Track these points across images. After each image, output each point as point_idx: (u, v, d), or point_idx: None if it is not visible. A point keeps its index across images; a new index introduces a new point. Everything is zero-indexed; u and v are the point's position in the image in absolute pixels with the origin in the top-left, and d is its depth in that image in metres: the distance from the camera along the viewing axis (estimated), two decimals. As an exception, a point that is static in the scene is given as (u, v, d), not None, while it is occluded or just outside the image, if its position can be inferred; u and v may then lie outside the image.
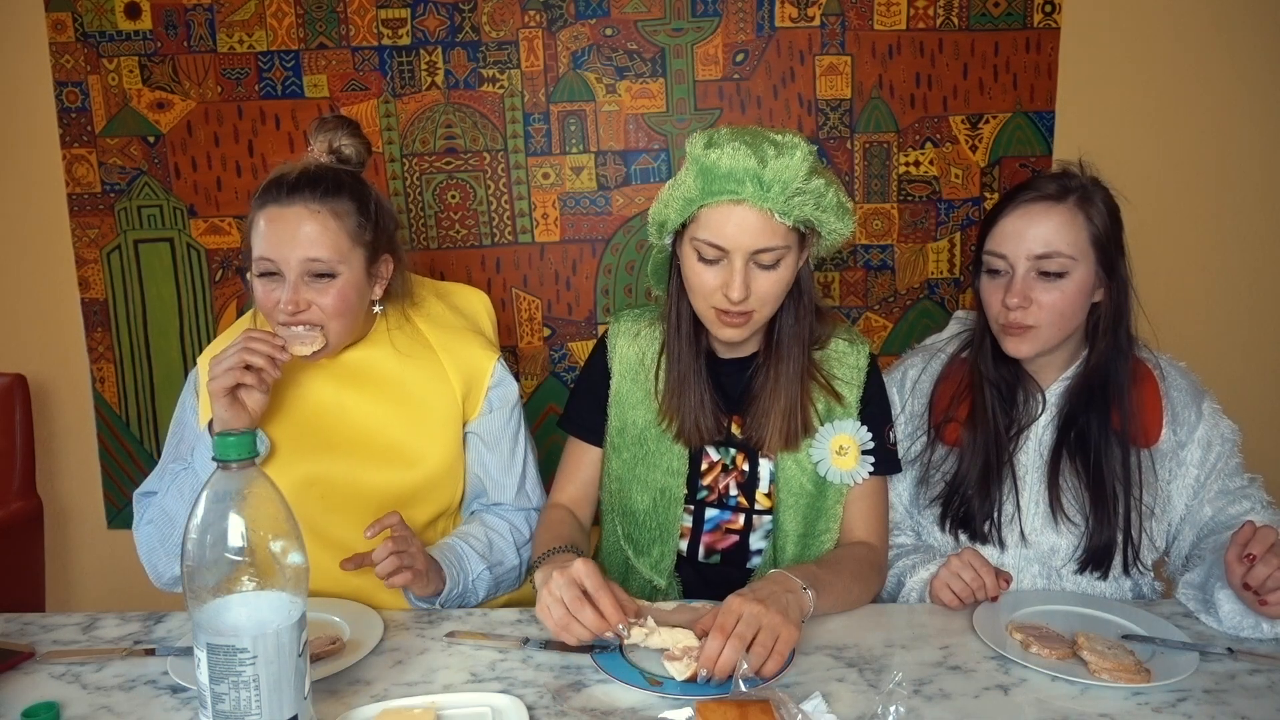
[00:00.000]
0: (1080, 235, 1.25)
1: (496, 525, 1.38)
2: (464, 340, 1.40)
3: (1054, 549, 1.30)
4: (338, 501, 1.31)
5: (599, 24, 1.97)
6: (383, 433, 1.33)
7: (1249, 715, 0.97)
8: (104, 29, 1.98)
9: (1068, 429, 1.31)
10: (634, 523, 1.37)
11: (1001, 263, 1.28)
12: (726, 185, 1.16)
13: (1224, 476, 1.31)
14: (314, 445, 1.31)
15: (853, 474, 1.31)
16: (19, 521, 1.97)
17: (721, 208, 1.18)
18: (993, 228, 1.29)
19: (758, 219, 1.17)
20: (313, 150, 1.32)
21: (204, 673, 0.82)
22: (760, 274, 1.20)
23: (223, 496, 0.82)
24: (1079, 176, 1.29)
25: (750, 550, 1.35)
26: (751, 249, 1.18)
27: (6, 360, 2.11)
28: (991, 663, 1.08)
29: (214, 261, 2.07)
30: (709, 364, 1.34)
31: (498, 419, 1.40)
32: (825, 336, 1.35)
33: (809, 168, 1.16)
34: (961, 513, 1.32)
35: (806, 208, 1.17)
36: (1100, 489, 1.28)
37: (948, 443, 1.36)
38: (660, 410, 1.33)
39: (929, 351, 1.46)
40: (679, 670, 1.01)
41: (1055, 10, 1.96)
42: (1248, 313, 2.09)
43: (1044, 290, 1.25)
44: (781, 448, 1.30)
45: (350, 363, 1.34)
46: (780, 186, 1.15)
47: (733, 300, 1.20)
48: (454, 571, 1.27)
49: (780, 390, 1.29)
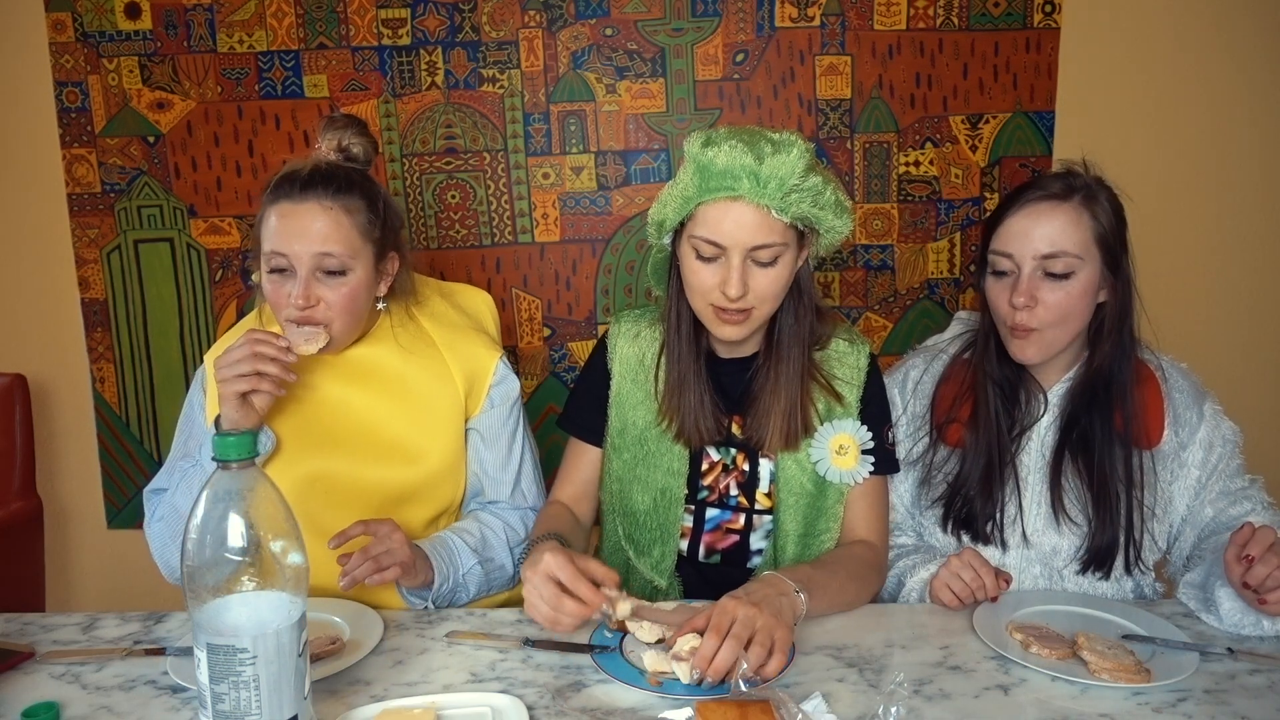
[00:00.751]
0: (1086, 234, 1.25)
1: (490, 523, 1.39)
2: (467, 338, 1.41)
3: (1055, 549, 1.30)
4: (340, 498, 1.31)
5: (599, 24, 1.97)
6: (386, 429, 1.33)
7: (1249, 715, 0.97)
8: (104, 29, 1.98)
9: (1070, 429, 1.31)
10: (635, 523, 1.37)
11: (1007, 262, 1.27)
12: (723, 182, 1.16)
13: (1225, 478, 1.31)
14: (318, 441, 1.32)
15: (853, 474, 1.31)
16: (19, 521, 1.97)
17: (718, 205, 1.18)
18: (998, 227, 1.29)
19: (755, 215, 1.17)
20: (320, 148, 1.33)
21: (204, 673, 0.82)
22: (758, 271, 1.20)
23: (223, 496, 0.82)
24: (1083, 175, 1.29)
25: (750, 550, 1.35)
26: (748, 245, 1.18)
27: (6, 360, 2.11)
28: (991, 663, 1.08)
29: (214, 261, 2.07)
30: (709, 364, 1.34)
31: (497, 415, 1.40)
32: (826, 337, 1.35)
33: (806, 164, 1.16)
34: (963, 514, 1.32)
35: (804, 204, 1.18)
36: (1103, 490, 1.28)
37: (950, 444, 1.36)
38: (660, 410, 1.33)
39: (930, 352, 1.45)
40: (685, 672, 1.01)
41: (1055, 10, 1.96)
42: (1248, 313, 2.09)
43: (1049, 290, 1.25)
44: (782, 448, 1.30)
45: (354, 359, 1.34)
46: (777, 183, 1.15)
47: (730, 297, 1.20)
48: (444, 565, 1.27)
49: (780, 390, 1.29)
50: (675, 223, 1.25)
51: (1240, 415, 1.36)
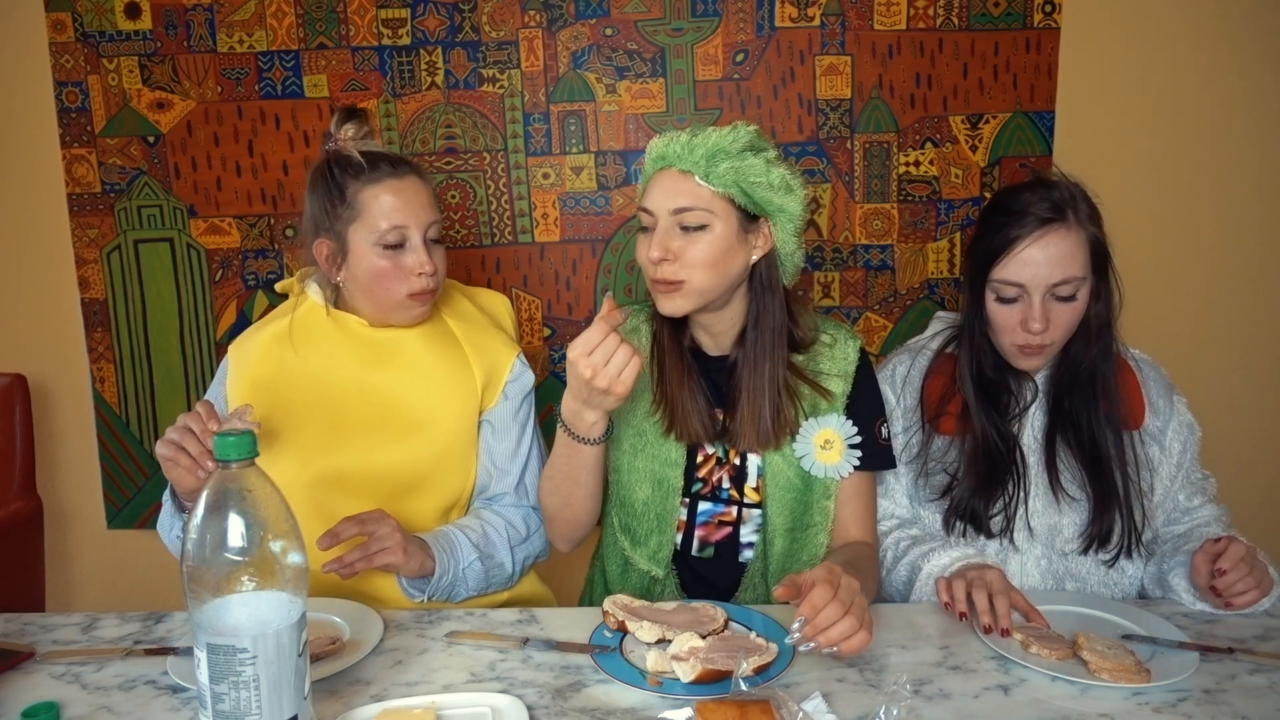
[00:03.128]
0: (1085, 253, 1.27)
1: (493, 520, 1.39)
2: (488, 335, 1.44)
3: (1055, 528, 1.32)
4: (352, 486, 1.34)
5: (599, 24, 1.97)
6: (400, 404, 1.35)
7: (1249, 715, 0.97)
8: (104, 29, 1.98)
9: (1058, 410, 1.34)
10: (632, 513, 1.37)
11: (1015, 290, 1.28)
12: (659, 153, 1.25)
13: (1191, 466, 1.38)
14: (329, 428, 1.34)
15: (837, 468, 1.30)
16: (19, 521, 1.97)
17: (655, 178, 1.26)
18: (1004, 258, 1.28)
19: (681, 181, 1.23)
20: (346, 138, 1.34)
21: (204, 673, 0.82)
22: (683, 236, 1.23)
23: (223, 496, 0.82)
24: (1060, 185, 1.30)
25: (741, 543, 1.35)
26: (670, 208, 1.23)
27: (6, 360, 2.11)
28: (991, 663, 1.08)
29: (214, 261, 2.07)
30: (698, 361, 1.34)
31: (509, 406, 1.42)
32: (809, 341, 1.34)
33: (746, 143, 1.22)
34: (965, 506, 1.33)
35: (732, 176, 1.21)
36: (1097, 464, 1.31)
37: (945, 434, 1.37)
38: (653, 405, 1.34)
39: (914, 349, 1.47)
40: (685, 671, 1.01)
41: (1055, 10, 1.96)
42: (1247, 312, 2.09)
43: (1058, 311, 1.28)
44: (758, 448, 1.30)
45: (379, 341, 1.37)
46: (705, 151, 1.21)
47: (652, 260, 1.23)
48: (444, 557, 1.28)
49: (755, 391, 1.28)
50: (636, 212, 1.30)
51: (1239, 414, 1.37)
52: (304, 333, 1.37)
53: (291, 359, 1.35)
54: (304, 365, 1.35)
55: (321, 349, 1.36)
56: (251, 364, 1.37)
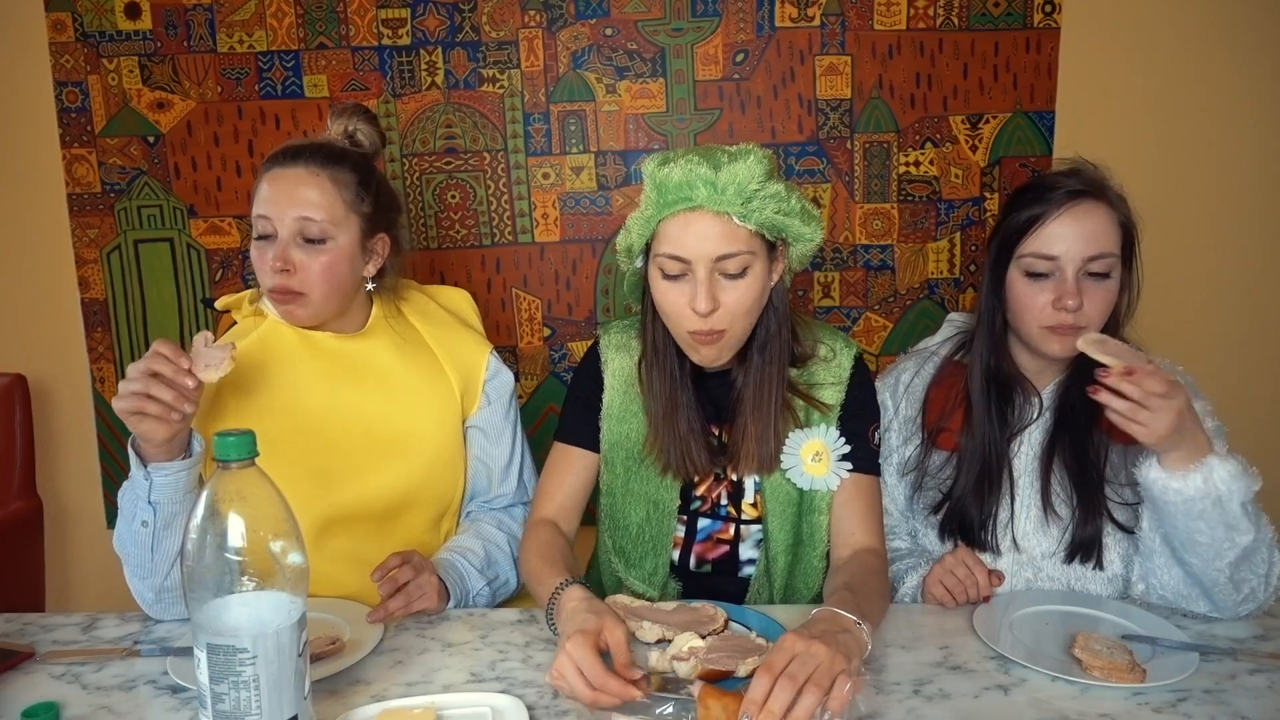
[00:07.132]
0: (1117, 232, 1.23)
1: (494, 536, 1.38)
2: (457, 334, 1.41)
3: (1041, 541, 1.30)
4: (347, 523, 1.31)
5: (599, 24, 1.97)
6: (380, 424, 1.32)
7: (1249, 715, 0.97)
8: (104, 29, 1.98)
9: (1060, 425, 1.30)
10: (626, 536, 1.34)
11: (1048, 264, 1.23)
12: (681, 194, 1.13)
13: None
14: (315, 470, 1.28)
15: (825, 480, 1.27)
16: (19, 521, 1.97)
17: (679, 218, 1.15)
18: (1036, 229, 1.24)
19: (716, 224, 1.13)
20: (329, 132, 1.34)
21: (204, 673, 0.82)
22: (726, 285, 1.15)
23: (223, 496, 0.82)
24: (1089, 170, 1.27)
25: (741, 560, 1.33)
26: (713, 256, 1.14)
27: (6, 360, 2.11)
28: (991, 663, 1.08)
29: (214, 261, 2.07)
30: (695, 378, 1.30)
31: (497, 411, 1.41)
32: (808, 356, 1.31)
33: (765, 171, 1.13)
34: (958, 520, 1.32)
35: (767, 210, 1.14)
36: (1086, 479, 1.27)
37: (943, 449, 1.35)
38: (647, 445, 1.29)
39: (921, 355, 1.44)
40: (685, 671, 1.01)
41: (1055, 10, 1.96)
42: (1247, 312, 2.09)
43: (1093, 290, 1.22)
44: (758, 472, 1.28)
45: (349, 354, 1.33)
46: (736, 188, 1.11)
47: (700, 313, 1.14)
48: (457, 590, 1.27)
49: (757, 413, 1.25)
50: (642, 245, 1.22)
51: (1240, 414, 1.36)
52: (270, 354, 1.30)
53: (260, 387, 1.28)
54: (274, 393, 1.28)
55: (291, 372, 1.29)
56: (222, 399, 1.28)
